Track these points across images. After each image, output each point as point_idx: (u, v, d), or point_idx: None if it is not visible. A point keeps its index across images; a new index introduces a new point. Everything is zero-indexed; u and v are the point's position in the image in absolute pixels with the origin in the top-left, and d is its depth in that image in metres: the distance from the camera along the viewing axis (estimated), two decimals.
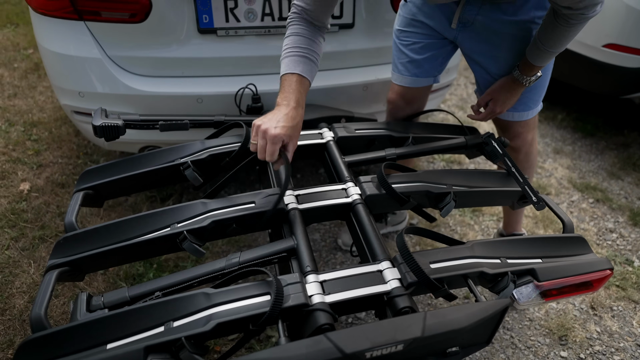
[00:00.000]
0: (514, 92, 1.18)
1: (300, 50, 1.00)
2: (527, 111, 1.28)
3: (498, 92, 1.20)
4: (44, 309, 0.73)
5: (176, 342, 0.67)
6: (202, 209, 0.92)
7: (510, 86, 1.17)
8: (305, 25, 1.03)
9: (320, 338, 0.62)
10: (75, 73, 1.38)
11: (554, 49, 1.05)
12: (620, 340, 1.43)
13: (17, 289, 1.45)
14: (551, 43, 1.04)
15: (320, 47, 1.06)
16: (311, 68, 1.01)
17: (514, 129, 1.32)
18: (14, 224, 1.67)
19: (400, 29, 1.30)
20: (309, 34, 1.02)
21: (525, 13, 1.10)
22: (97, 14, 1.31)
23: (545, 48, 1.05)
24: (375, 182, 0.99)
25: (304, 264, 0.82)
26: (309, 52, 1.01)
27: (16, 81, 2.61)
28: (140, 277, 1.51)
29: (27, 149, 2.08)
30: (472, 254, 0.84)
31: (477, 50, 1.21)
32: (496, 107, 1.21)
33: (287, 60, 1.00)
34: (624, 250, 1.79)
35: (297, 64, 0.98)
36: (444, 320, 0.67)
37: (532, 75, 1.13)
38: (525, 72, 1.13)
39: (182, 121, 1.18)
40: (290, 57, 1.00)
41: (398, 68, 1.34)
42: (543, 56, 1.07)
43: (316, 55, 1.03)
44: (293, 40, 1.01)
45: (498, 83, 1.20)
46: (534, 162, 1.43)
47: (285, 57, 1.00)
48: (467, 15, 1.14)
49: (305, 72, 0.98)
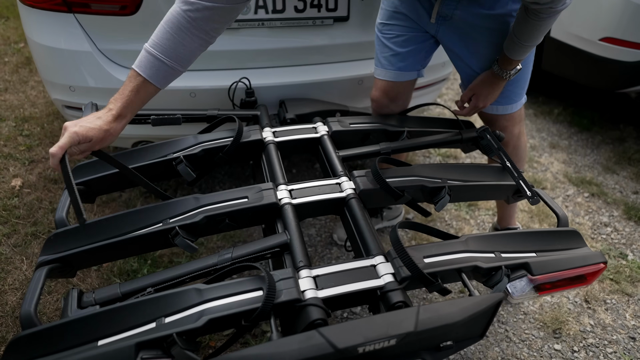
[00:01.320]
0: (496, 86, 1.18)
1: (166, 56, 0.88)
2: (511, 104, 1.28)
3: (480, 87, 1.20)
4: (33, 305, 0.72)
5: (168, 338, 0.66)
6: (194, 204, 0.91)
7: (491, 81, 1.18)
8: (192, 25, 0.87)
9: (312, 333, 0.61)
10: (66, 67, 1.36)
11: (529, 42, 1.05)
12: (613, 332, 1.44)
13: (9, 285, 1.44)
14: (526, 37, 1.04)
15: (198, 54, 0.92)
16: (170, 78, 0.90)
17: (500, 123, 1.32)
18: (5, 221, 1.66)
19: (383, 22, 1.28)
20: (190, 40, 0.88)
21: (502, 7, 1.10)
22: (87, 6, 1.28)
23: (520, 42, 1.06)
24: (370, 176, 0.99)
25: (297, 259, 0.81)
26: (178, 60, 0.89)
27: (7, 75, 2.58)
28: (134, 273, 1.50)
29: (18, 144, 2.05)
30: (466, 248, 0.84)
31: (457, 45, 1.20)
32: (479, 102, 1.22)
33: (147, 56, 0.88)
34: (618, 244, 1.80)
35: (154, 69, 0.87)
36: (438, 314, 0.66)
37: (511, 69, 1.14)
38: (505, 66, 1.13)
39: (175, 116, 1.17)
40: (150, 57, 0.88)
41: (382, 62, 1.32)
42: (519, 50, 1.07)
43: (186, 64, 0.91)
44: (168, 39, 0.88)
45: (479, 78, 1.20)
46: (523, 155, 1.43)
47: (149, 52, 0.88)
48: (446, 9, 1.14)
49: (158, 81, 0.88)
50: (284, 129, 1.16)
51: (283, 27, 1.43)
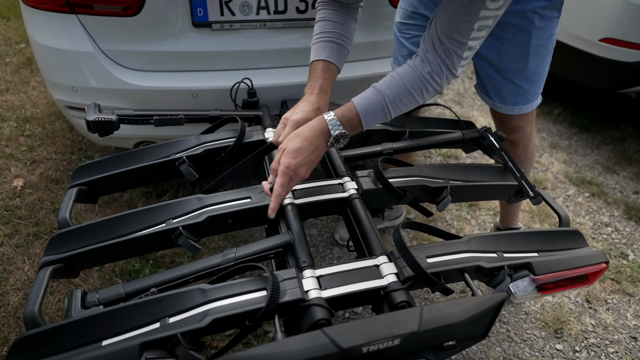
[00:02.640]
0: (309, 145, 0.85)
1: (327, 35, 1.02)
2: (527, 104, 1.27)
3: (291, 143, 0.86)
4: (37, 306, 0.73)
5: (172, 338, 0.66)
6: (197, 204, 0.91)
7: (308, 134, 0.85)
8: (332, 8, 1.04)
9: (316, 333, 0.62)
10: (68, 67, 1.36)
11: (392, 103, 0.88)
12: (614, 332, 1.45)
13: (11, 285, 1.44)
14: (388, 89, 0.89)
15: (351, 28, 1.06)
16: (339, 52, 1.02)
17: (514, 122, 1.32)
18: (7, 221, 1.66)
19: (402, 21, 1.29)
20: (337, 16, 1.03)
21: (527, 3, 1.09)
22: (89, 6, 1.29)
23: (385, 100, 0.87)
24: (372, 176, 0.99)
25: (300, 259, 0.81)
26: (336, 36, 1.02)
27: (8, 76, 2.58)
28: (137, 273, 1.51)
29: (20, 144, 2.05)
30: (468, 248, 0.84)
31: None
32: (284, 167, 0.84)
33: (314, 47, 1.03)
34: (619, 244, 1.80)
35: (323, 50, 1.01)
36: (441, 314, 0.66)
37: (344, 130, 0.86)
38: (344, 122, 0.86)
39: (177, 116, 1.17)
40: (316, 44, 1.03)
41: (399, 61, 1.33)
42: (376, 111, 0.87)
43: (345, 38, 1.04)
44: (320, 26, 1.04)
45: (294, 134, 0.88)
46: (532, 155, 1.43)
47: (313, 43, 1.04)
48: None
49: (331, 57, 1.01)
50: None
51: (285, 28, 1.43)
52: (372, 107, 0.89)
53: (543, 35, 1.14)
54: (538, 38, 1.14)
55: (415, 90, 0.89)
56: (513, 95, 1.25)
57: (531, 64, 1.18)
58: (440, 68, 0.87)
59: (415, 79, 0.88)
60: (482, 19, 0.82)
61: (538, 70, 1.21)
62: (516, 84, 1.23)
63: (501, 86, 1.26)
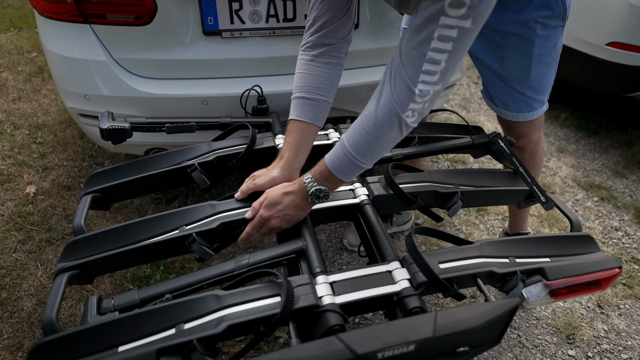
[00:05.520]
0: (287, 202, 0.87)
1: (302, 91, 0.97)
2: (532, 111, 1.27)
3: (276, 193, 0.89)
4: (55, 312, 0.74)
5: (188, 344, 0.67)
6: (210, 211, 0.92)
7: (287, 192, 0.88)
8: (315, 59, 0.96)
9: (331, 339, 0.62)
10: (81, 76, 1.39)
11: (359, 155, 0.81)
12: (627, 338, 1.43)
13: (24, 291, 1.46)
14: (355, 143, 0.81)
15: (333, 80, 0.98)
16: (316, 111, 0.97)
17: (520, 129, 1.31)
18: (20, 227, 1.68)
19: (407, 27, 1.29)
20: (318, 69, 0.96)
21: (529, 12, 1.09)
22: (103, 16, 1.31)
23: (349, 152, 0.81)
24: (383, 182, 0.99)
25: (313, 265, 0.82)
26: (313, 91, 0.96)
27: (20, 84, 2.62)
28: (147, 279, 1.52)
29: (32, 152, 2.08)
30: (480, 254, 0.84)
31: (481, 50, 1.20)
32: (266, 212, 0.88)
33: (292, 104, 0.99)
34: (629, 249, 1.79)
35: (299, 108, 0.97)
36: (455, 320, 0.66)
37: (321, 184, 0.85)
38: (318, 178, 0.86)
39: (189, 123, 1.18)
40: (294, 101, 0.98)
41: None
42: (344, 162, 0.82)
43: (325, 92, 0.97)
44: (299, 79, 0.98)
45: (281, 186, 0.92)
46: (540, 161, 1.43)
47: (292, 98, 0.99)
48: None
49: (307, 117, 0.96)
50: None
51: (294, 35, 1.45)
52: (340, 160, 0.83)
53: (546, 44, 1.14)
54: (541, 47, 1.13)
55: (376, 131, 0.78)
56: (517, 102, 1.25)
57: (534, 72, 1.18)
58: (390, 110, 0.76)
59: (367, 117, 0.79)
60: (438, 39, 0.68)
61: (542, 78, 1.21)
62: (520, 92, 1.23)
63: (505, 94, 1.26)
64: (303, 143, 0.97)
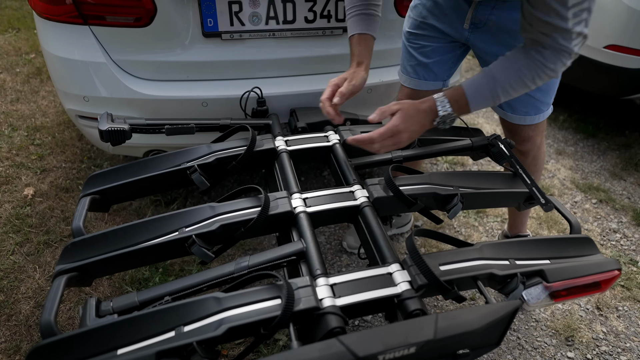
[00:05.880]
0: (421, 120, 0.93)
1: (356, 8, 1.13)
2: (539, 114, 1.25)
3: (409, 107, 0.94)
4: (53, 315, 0.73)
5: (187, 347, 0.67)
6: (210, 212, 0.92)
7: (421, 110, 0.92)
8: None
9: (332, 342, 0.62)
10: (80, 77, 1.39)
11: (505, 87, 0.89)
12: (626, 340, 1.43)
13: (22, 294, 1.45)
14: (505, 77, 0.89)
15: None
16: (369, 22, 1.13)
17: (525, 132, 1.30)
18: (18, 229, 1.67)
19: (410, 31, 1.29)
20: None
21: None
22: (102, 18, 1.31)
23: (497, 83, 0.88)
24: (383, 184, 0.99)
25: (313, 267, 0.82)
26: (363, 7, 1.12)
27: (18, 86, 2.62)
28: (146, 281, 1.51)
29: (30, 153, 2.08)
30: (481, 256, 0.84)
31: (490, 52, 1.19)
32: (399, 125, 0.92)
33: (348, 23, 1.15)
34: (628, 250, 1.79)
35: (356, 24, 1.13)
36: (456, 322, 0.66)
37: (452, 111, 0.91)
38: (452, 99, 0.91)
39: (188, 125, 1.18)
40: (349, 20, 1.15)
41: (407, 70, 1.33)
42: (483, 94, 0.90)
43: (373, 7, 1.13)
44: (349, 1, 1.14)
45: (411, 102, 0.96)
46: (541, 165, 1.42)
47: (347, 19, 1.16)
48: (480, 15, 1.13)
49: (364, 29, 1.13)
50: (296, 138, 1.18)
51: (294, 37, 1.45)
52: (481, 91, 0.91)
53: None
54: None
55: (528, 77, 0.88)
56: (524, 105, 1.24)
57: None
58: (554, 53, 0.84)
59: (530, 66, 0.87)
60: None
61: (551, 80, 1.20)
62: (528, 94, 1.22)
63: None
64: (366, 53, 1.14)
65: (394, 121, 0.93)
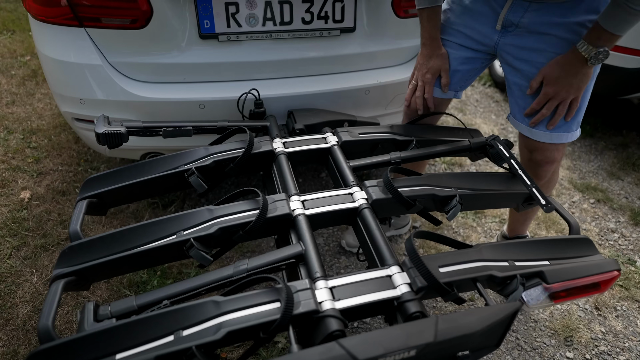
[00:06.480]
0: (573, 70, 0.98)
1: None
2: (568, 133, 1.13)
3: (552, 69, 1.02)
4: (51, 319, 0.73)
5: (187, 351, 0.66)
6: (208, 215, 0.92)
7: (569, 63, 0.98)
8: None
9: (332, 345, 0.61)
10: (76, 80, 1.38)
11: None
12: (625, 340, 1.44)
13: (19, 298, 1.44)
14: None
15: None
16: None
17: (549, 153, 1.17)
18: (15, 233, 1.66)
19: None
20: None
21: (577, 15, 1.02)
22: (98, 20, 1.30)
23: (628, 4, 0.86)
24: (381, 186, 0.99)
25: (312, 269, 0.81)
26: None
27: (14, 88, 2.60)
28: (144, 284, 1.50)
29: (26, 156, 2.06)
30: (480, 257, 0.84)
31: (519, 57, 1.12)
32: (549, 89, 1.03)
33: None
34: (625, 250, 1.80)
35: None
36: (456, 324, 0.66)
37: (600, 47, 0.94)
38: (593, 41, 0.94)
39: (186, 127, 1.18)
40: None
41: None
42: (623, 16, 0.89)
43: None
44: None
45: (553, 60, 1.03)
46: (553, 186, 1.36)
47: None
48: (512, 17, 1.09)
49: (432, 2, 1.16)
50: (294, 140, 1.17)
51: (291, 39, 1.45)
52: (613, 16, 0.91)
53: None
54: None
55: None
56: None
57: None
58: None
59: None
60: None
61: (584, 92, 1.11)
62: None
63: None
64: (436, 27, 1.20)
65: (546, 89, 1.04)
